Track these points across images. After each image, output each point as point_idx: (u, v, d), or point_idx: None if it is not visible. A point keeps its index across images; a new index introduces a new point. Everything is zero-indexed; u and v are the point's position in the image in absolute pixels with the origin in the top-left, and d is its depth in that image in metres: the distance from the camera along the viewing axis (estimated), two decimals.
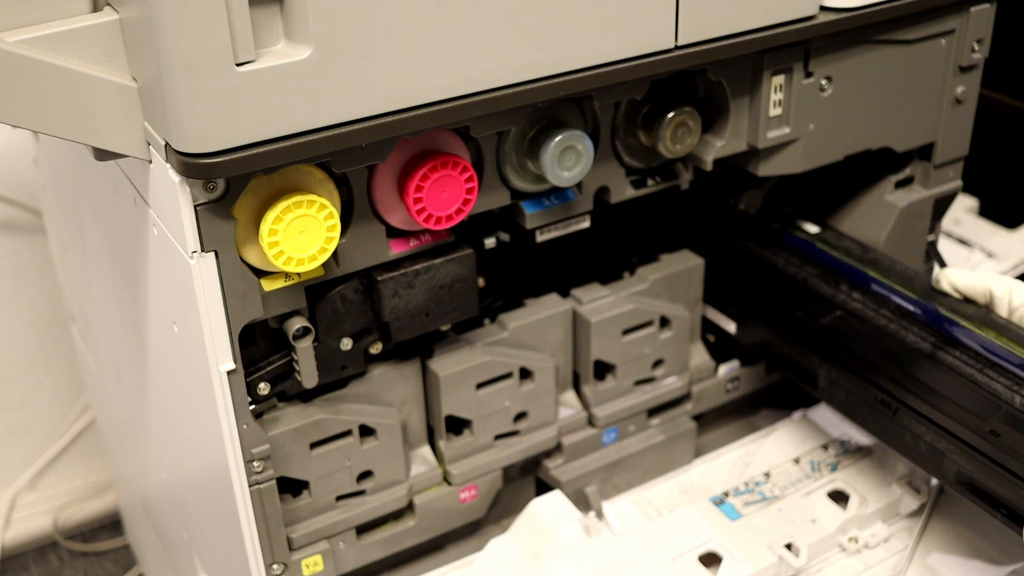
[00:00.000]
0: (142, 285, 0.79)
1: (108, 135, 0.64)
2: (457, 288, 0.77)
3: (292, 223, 0.65)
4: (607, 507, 0.86)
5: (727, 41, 0.73)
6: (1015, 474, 0.70)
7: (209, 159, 0.60)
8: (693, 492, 0.89)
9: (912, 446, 0.78)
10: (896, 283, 0.88)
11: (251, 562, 0.76)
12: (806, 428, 0.95)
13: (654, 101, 0.79)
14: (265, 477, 0.74)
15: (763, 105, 0.80)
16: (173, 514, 1.01)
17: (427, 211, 0.71)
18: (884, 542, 0.85)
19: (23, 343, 1.53)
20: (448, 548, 0.90)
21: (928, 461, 0.78)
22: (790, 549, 0.82)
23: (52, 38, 0.61)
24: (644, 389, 0.92)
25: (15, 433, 1.58)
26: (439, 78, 0.64)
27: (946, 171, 0.93)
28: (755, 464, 0.91)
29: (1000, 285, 0.83)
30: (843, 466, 0.91)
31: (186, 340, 0.71)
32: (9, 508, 1.62)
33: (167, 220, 0.67)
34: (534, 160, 0.75)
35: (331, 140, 0.62)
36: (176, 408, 0.83)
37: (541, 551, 0.82)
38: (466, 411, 0.84)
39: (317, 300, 0.74)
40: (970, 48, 0.87)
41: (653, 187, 0.83)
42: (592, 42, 0.68)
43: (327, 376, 0.77)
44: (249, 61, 0.59)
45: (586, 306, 0.87)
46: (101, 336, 1.09)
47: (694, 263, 0.91)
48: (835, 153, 0.86)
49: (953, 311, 0.84)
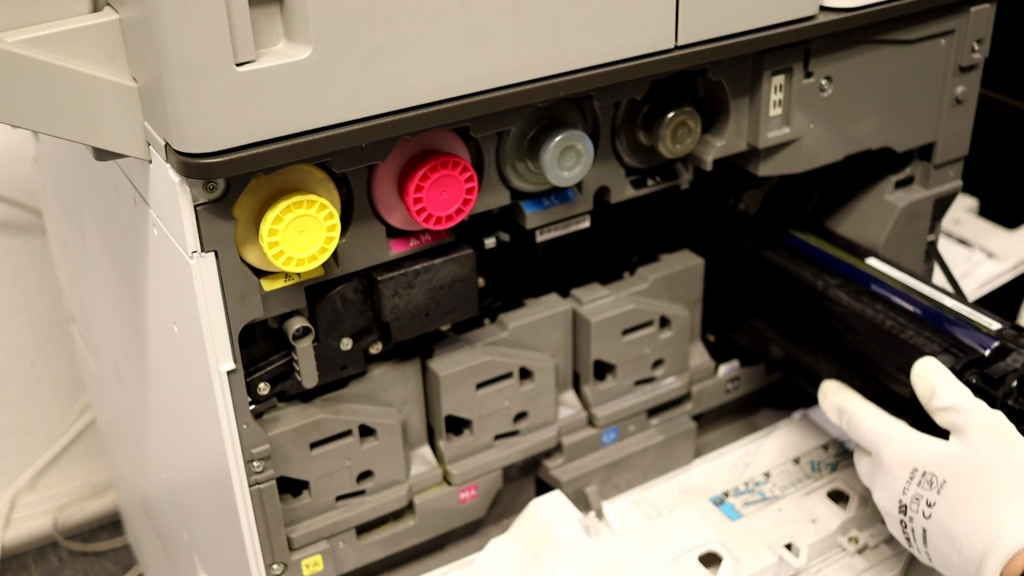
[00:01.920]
0: (142, 285, 0.79)
1: (108, 135, 0.64)
2: (457, 288, 0.77)
3: (292, 223, 0.65)
4: (607, 507, 0.86)
5: (727, 41, 0.73)
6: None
7: (209, 159, 0.60)
8: (693, 492, 0.89)
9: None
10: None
11: (251, 562, 0.76)
12: (806, 428, 0.95)
13: (654, 101, 0.79)
14: (265, 477, 0.74)
15: (763, 105, 0.80)
16: (173, 514, 1.01)
17: (427, 211, 0.71)
18: (884, 542, 0.85)
19: (23, 343, 1.53)
20: (448, 548, 0.90)
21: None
22: (790, 549, 0.82)
23: (52, 38, 0.61)
24: (644, 389, 0.92)
25: (15, 433, 1.58)
26: (439, 78, 0.64)
27: (946, 171, 0.93)
28: (755, 464, 0.91)
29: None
30: (843, 466, 0.91)
31: (186, 340, 0.71)
32: (9, 508, 1.62)
33: (167, 220, 0.67)
34: (534, 160, 0.75)
35: (331, 140, 0.62)
36: (176, 408, 0.83)
37: (541, 551, 0.82)
38: (466, 411, 0.84)
39: (317, 300, 0.74)
40: (970, 48, 0.87)
41: (653, 187, 0.83)
42: (592, 42, 0.68)
43: (327, 376, 0.77)
44: (249, 61, 0.59)
45: (586, 306, 0.87)
46: (101, 336, 1.09)
47: (694, 263, 0.91)
48: (835, 153, 0.86)
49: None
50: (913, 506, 0.73)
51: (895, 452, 0.75)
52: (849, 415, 0.81)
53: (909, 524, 0.74)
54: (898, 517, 0.75)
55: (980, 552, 0.69)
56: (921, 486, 0.73)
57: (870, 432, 0.78)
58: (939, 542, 0.72)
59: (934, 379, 0.75)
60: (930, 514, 0.72)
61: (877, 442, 0.77)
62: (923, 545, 0.73)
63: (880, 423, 0.78)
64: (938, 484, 0.72)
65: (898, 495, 0.74)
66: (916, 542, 0.74)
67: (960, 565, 0.70)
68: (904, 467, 0.74)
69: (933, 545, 0.72)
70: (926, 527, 0.72)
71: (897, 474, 0.75)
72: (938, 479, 0.72)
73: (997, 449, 0.71)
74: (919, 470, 0.73)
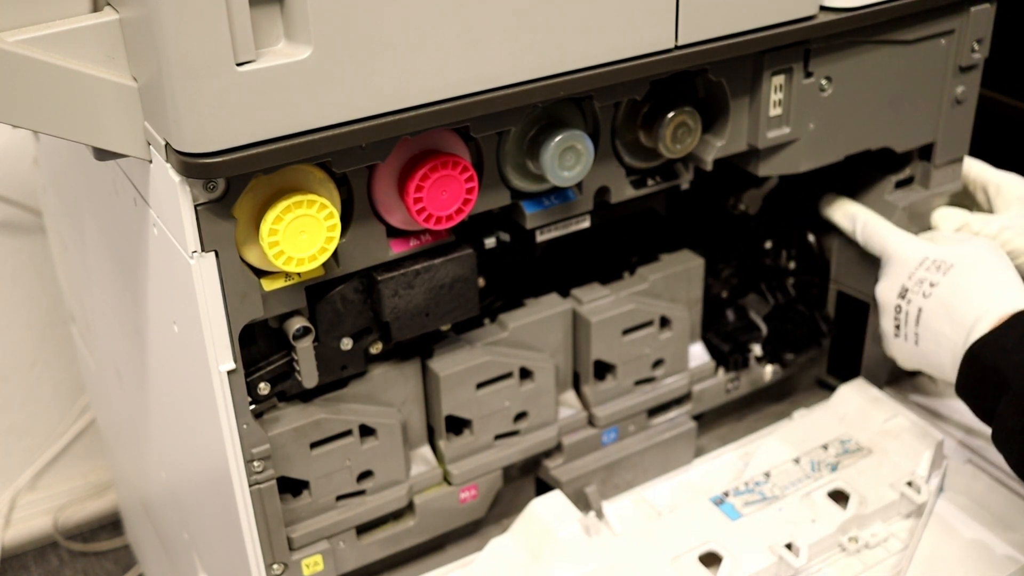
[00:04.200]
0: (142, 285, 0.79)
1: (108, 135, 0.64)
2: (457, 288, 0.77)
3: (292, 223, 0.65)
4: (607, 507, 0.86)
5: (727, 41, 0.73)
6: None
7: (209, 159, 0.60)
8: (693, 492, 0.89)
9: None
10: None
11: (251, 562, 0.76)
12: (806, 428, 0.95)
13: (654, 101, 0.79)
14: (265, 477, 0.74)
15: (763, 105, 0.80)
16: (173, 514, 1.01)
17: (427, 211, 0.71)
18: (884, 542, 0.85)
19: (23, 343, 1.53)
20: (448, 548, 0.90)
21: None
22: (790, 549, 0.82)
23: (52, 38, 0.61)
24: (644, 389, 0.92)
25: (15, 433, 1.58)
26: (439, 78, 0.64)
27: (946, 171, 0.93)
28: (755, 464, 0.91)
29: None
30: (843, 466, 0.91)
31: (186, 340, 0.71)
32: (9, 508, 1.62)
33: (167, 220, 0.67)
34: (534, 160, 0.75)
35: (331, 140, 0.62)
36: (176, 408, 0.83)
37: (541, 551, 0.82)
38: (466, 411, 0.84)
39: (317, 300, 0.74)
40: (970, 48, 0.87)
41: (653, 187, 0.83)
42: (592, 42, 0.68)
43: (327, 376, 0.77)
44: (249, 61, 0.59)
45: (586, 306, 0.87)
46: (101, 336, 1.09)
47: (694, 263, 0.91)
48: (835, 153, 0.86)
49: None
50: (915, 288, 0.84)
51: (909, 245, 0.87)
52: (864, 220, 0.90)
53: (905, 307, 0.84)
54: (895, 303, 0.85)
55: (975, 316, 0.79)
56: (928, 270, 0.84)
57: (887, 234, 0.89)
58: (933, 317, 0.82)
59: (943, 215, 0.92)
60: (931, 293, 0.83)
61: (893, 240, 0.88)
62: (915, 326, 0.84)
63: (894, 228, 0.89)
64: (946, 268, 0.83)
65: (903, 280, 0.85)
66: (907, 326, 0.84)
67: (950, 334, 0.81)
68: (916, 255, 0.86)
69: (925, 323, 0.83)
70: (923, 305, 0.83)
71: (908, 260, 0.86)
72: (946, 264, 0.84)
73: (994, 251, 0.85)
74: (930, 258, 0.85)
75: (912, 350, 0.85)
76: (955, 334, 0.80)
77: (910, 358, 0.87)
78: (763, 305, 0.99)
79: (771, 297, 0.99)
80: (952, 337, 0.81)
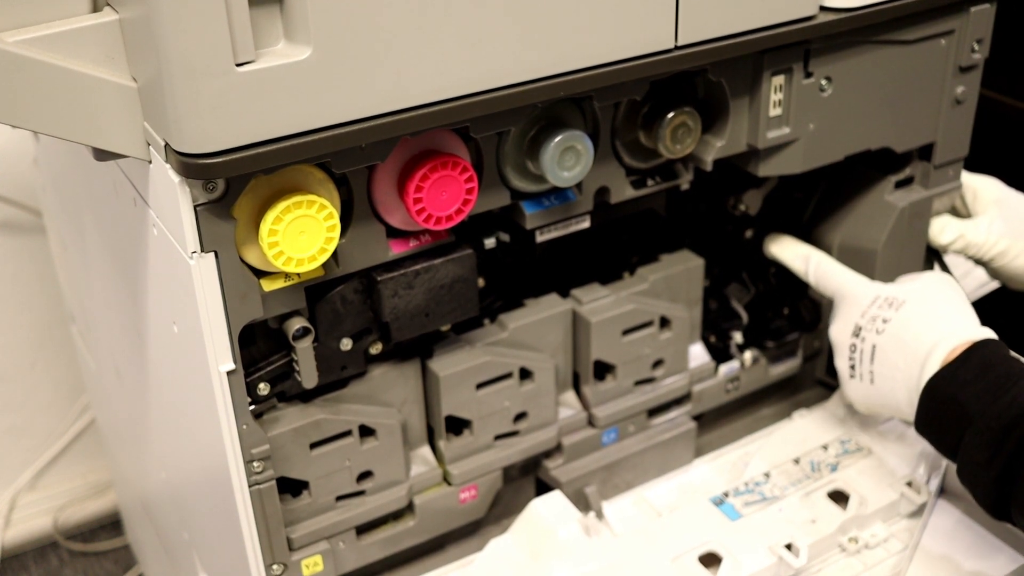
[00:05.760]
0: (142, 285, 0.79)
1: (108, 135, 0.64)
2: (457, 288, 0.77)
3: (292, 223, 0.65)
4: (607, 507, 0.86)
5: (727, 41, 0.73)
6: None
7: (209, 159, 0.60)
8: (693, 492, 0.89)
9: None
10: None
11: (251, 562, 0.76)
12: (806, 428, 0.95)
13: (654, 101, 0.79)
14: (265, 477, 0.74)
15: (763, 105, 0.80)
16: (173, 514, 1.01)
17: (427, 211, 0.71)
18: (884, 542, 0.85)
19: (23, 343, 1.53)
20: (448, 548, 0.90)
21: None
22: (790, 549, 0.82)
23: (52, 38, 0.61)
24: (644, 389, 0.92)
25: (15, 433, 1.58)
26: (439, 78, 0.64)
27: (946, 171, 0.93)
28: (755, 464, 0.91)
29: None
30: (843, 466, 0.91)
31: (186, 340, 0.71)
32: (9, 508, 1.62)
33: (167, 220, 0.67)
34: (534, 160, 0.75)
35: (331, 140, 0.62)
36: (176, 408, 0.83)
37: (541, 551, 0.82)
38: (466, 411, 0.84)
39: (317, 300, 0.74)
40: (970, 48, 0.87)
41: (653, 187, 0.83)
42: (592, 42, 0.68)
43: (327, 376, 0.77)
44: (249, 61, 0.59)
45: (586, 306, 0.87)
46: (101, 336, 1.09)
47: (694, 263, 0.91)
48: (835, 153, 0.86)
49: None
50: (868, 326, 0.84)
51: (861, 286, 0.87)
52: (816, 261, 0.92)
53: (859, 346, 0.84)
54: (849, 342, 0.85)
55: (928, 348, 0.79)
56: (881, 307, 0.84)
57: (839, 275, 0.90)
58: (887, 353, 0.82)
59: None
60: (883, 329, 0.83)
61: (846, 282, 0.89)
62: (869, 363, 0.83)
63: (845, 268, 0.90)
64: (898, 304, 0.83)
65: (855, 319, 0.85)
66: (862, 364, 0.84)
67: (904, 368, 0.80)
68: (868, 295, 0.86)
69: (880, 359, 0.82)
70: (876, 342, 0.83)
71: (860, 300, 0.86)
72: (898, 300, 0.84)
73: (948, 285, 0.85)
74: (882, 296, 0.85)
75: (868, 390, 0.84)
76: (909, 367, 0.80)
77: (866, 399, 0.85)
78: (744, 294, 0.99)
79: (752, 286, 0.99)
80: (906, 371, 0.80)
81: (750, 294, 0.99)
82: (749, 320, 0.98)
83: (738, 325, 0.98)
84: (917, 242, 0.95)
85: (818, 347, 1.02)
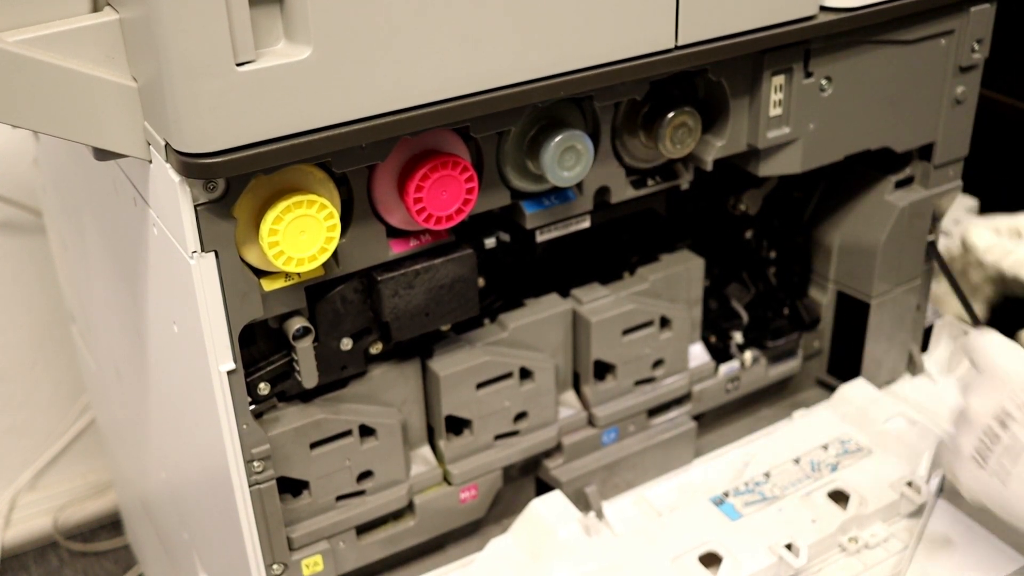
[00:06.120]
0: (142, 285, 0.79)
1: (108, 135, 0.64)
2: (457, 288, 0.77)
3: (292, 223, 0.65)
4: (607, 507, 0.86)
5: (727, 41, 0.73)
6: None
7: (209, 159, 0.60)
8: (693, 492, 0.89)
9: None
10: None
11: (251, 562, 0.76)
12: (806, 428, 0.95)
13: (654, 101, 0.79)
14: (265, 477, 0.74)
15: (763, 105, 0.80)
16: (173, 514, 1.01)
17: (427, 211, 0.71)
18: (884, 542, 0.85)
19: (23, 343, 1.53)
20: (448, 548, 0.90)
21: None
22: (790, 549, 0.82)
23: (52, 38, 0.61)
24: (644, 389, 0.92)
25: (15, 433, 1.58)
26: (439, 78, 0.64)
27: (946, 171, 0.93)
28: (755, 464, 0.91)
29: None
30: (843, 466, 0.91)
31: (186, 340, 0.71)
32: (9, 508, 1.62)
33: (167, 220, 0.67)
34: (534, 160, 0.75)
35: (331, 140, 0.62)
36: (176, 408, 0.83)
37: (541, 551, 0.82)
38: (466, 411, 0.84)
39: (317, 300, 0.74)
40: (970, 48, 0.87)
41: (653, 187, 0.83)
42: (592, 42, 0.68)
43: (327, 376, 0.77)
44: (249, 61, 0.59)
45: (586, 306, 0.87)
46: (101, 336, 1.09)
47: (694, 263, 0.91)
48: (835, 153, 0.86)
49: None
50: (1020, 416, 0.69)
51: (1018, 360, 0.73)
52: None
53: (1002, 436, 0.69)
54: (986, 424, 0.71)
55: None
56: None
57: (995, 347, 0.75)
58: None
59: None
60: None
61: (999, 356, 0.74)
62: (1010, 463, 0.69)
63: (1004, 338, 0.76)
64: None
65: (1003, 401, 0.70)
66: (999, 459, 0.70)
67: None
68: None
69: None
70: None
71: (1014, 377, 0.71)
72: None
73: None
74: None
75: (998, 490, 0.70)
76: None
77: (988, 496, 0.71)
78: (744, 294, 0.99)
79: (752, 286, 0.99)
80: None
81: (750, 294, 0.99)
82: (749, 320, 0.98)
83: (738, 325, 0.98)
84: (917, 242, 0.95)
85: (818, 347, 1.02)
